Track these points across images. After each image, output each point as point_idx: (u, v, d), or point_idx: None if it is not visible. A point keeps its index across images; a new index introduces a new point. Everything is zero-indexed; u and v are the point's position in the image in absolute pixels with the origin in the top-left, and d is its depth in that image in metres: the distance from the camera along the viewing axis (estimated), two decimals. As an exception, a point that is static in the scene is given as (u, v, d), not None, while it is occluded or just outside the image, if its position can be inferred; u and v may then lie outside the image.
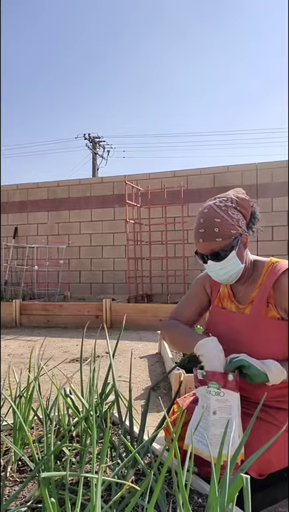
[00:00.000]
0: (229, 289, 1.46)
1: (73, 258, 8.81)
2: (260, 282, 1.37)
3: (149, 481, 0.84)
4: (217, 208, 1.32)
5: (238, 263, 1.33)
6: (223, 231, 1.29)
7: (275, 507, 1.31)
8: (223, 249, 1.30)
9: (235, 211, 1.33)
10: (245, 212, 1.37)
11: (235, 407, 1.18)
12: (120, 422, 1.34)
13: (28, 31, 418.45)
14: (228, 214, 1.31)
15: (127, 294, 7.22)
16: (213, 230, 1.29)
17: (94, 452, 0.93)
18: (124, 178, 7.65)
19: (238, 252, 1.33)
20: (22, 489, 0.97)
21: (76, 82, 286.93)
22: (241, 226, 1.34)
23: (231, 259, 1.31)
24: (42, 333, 5.26)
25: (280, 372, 1.22)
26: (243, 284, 1.42)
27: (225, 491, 0.84)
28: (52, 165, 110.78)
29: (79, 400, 1.37)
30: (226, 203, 1.33)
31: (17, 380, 1.45)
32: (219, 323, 1.44)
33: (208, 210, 1.33)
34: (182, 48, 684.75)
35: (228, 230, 1.30)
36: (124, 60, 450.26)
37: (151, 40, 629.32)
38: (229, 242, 1.30)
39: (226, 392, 1.19)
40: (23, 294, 7.68)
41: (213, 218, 1.30)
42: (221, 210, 1.31)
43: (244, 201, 1.37)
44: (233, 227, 1.30)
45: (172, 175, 8.16)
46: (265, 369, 1.21)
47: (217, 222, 1.29)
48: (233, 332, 1.37)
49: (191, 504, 1.03)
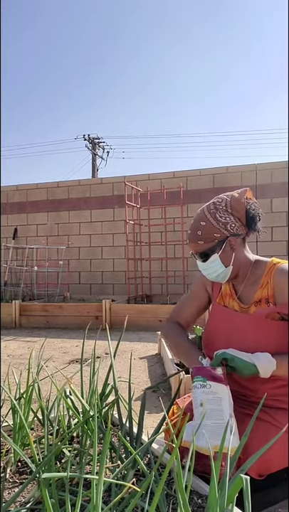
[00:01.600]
0: (231, 287, 1.47)
1: (73, 259, 8.81)
2: (262, 283, 1.38)
3: (149, 482, 0.84)
4: (207, 210, 1.37)
5: (220, 265, 1.36)
6: (205, 234, 1.34)
7: (275, 507, 1.31)
8: (205, 251, 1.36)
9: (225, 214, 1.35)
10: (238, 215, 1.36)
11: (226, 400, 1.18)
12: (120, 423, 1.34)
13: (28, 33, 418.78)
14: (214, 217, 1.34)
15: (127, 295, 7.22)
16: (196, 233, 1.36)
17: (94, 453, 0.93)
18: (123, 178, 7.65)
19: (223, 254, 1.35)
20: (22, 490, 0.97)
21: (76, 84, 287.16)
22: (229, 229, 1.34)
23: (213, 262, 1.36)
24: (42, 334, 5.26)
25: (270, 363, 1.21)
26: (242, 282, 1.42)
27: (225, 491, 0.84)
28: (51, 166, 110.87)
29: (79, 401, 1.37)
30: (217, 206, 1.36)
31: (17, 380, 1.45)
32: (220, 321, 1.45)
33: (200, 212, 1.39)
34: (183, 48, 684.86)
35: (211, 233, 1.34)
36: (124, 60, 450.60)
37: (152, 41, 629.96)
38: (211, 246, 1.35)
39: (212, 385, 1.19)
40: (23, 294, 7.67)
41: (200, 221, 1.36)
42: (209, 213, 1.35)
43: (237, 203, 1.36)
44: (217, 230, 1.34)
45: (172, 176, 8.16)
46: (253, 360, 1.21)
47: (201, 226, 1.35)
48: (234, 331, 1.37)
49: (191, 505, 1.03)
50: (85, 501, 1.01)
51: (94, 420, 1.11)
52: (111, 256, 8.59)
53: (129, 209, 7.36)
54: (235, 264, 1.38)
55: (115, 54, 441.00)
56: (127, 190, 7.17)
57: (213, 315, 1.49)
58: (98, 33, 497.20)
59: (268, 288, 1.36)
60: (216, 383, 1.19)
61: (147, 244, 7.74)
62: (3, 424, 1.47)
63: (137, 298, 7.39)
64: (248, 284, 1.41)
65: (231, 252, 1.36)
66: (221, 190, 1.71)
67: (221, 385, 1.18)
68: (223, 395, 1.18)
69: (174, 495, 1.06)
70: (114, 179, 8.57)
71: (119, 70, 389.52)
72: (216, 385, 1.19)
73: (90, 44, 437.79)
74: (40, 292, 7.92)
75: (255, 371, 1.21)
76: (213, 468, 0.86)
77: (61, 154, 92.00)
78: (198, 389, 1.21)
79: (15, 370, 3.14)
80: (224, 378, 1.20)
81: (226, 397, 1.18)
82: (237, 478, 0.83)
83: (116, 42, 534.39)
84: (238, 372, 1.22)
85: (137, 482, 1.12)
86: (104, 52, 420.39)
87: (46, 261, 8.17)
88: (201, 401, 1.20)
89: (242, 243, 1.40)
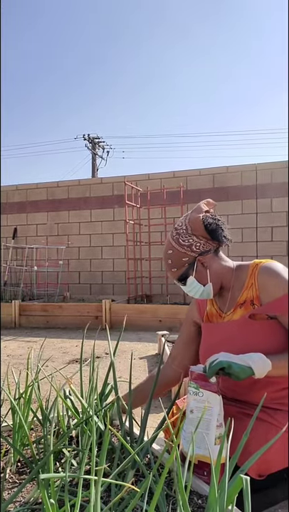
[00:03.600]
0: (217, 308, 1.47)
1: (73, 259, 8.82)
2: (247, 285, 1.38)
3: (149, 483, 0.83)
4: (171, 238, 1.41)
5: (199, 286, 1.38)
6: (175, 261, 1.38)
7: (275, 508, 1.30)
8: (181, 277, 1.40)
9: (186, 237, 1.36)
10: (199, 233, 1.36)
11: (216, 410, 1.17)
12: (120, 423, 1.33)
13: (28, 33, 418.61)
14: (178, 243, 1.37)
15: (127, 295, 7.22)
16: (168, 262, 1.40)
17: (93, 454, 0.93)
18: (123, 178, 7.65)
19: (197, 275, 1.38)
20: (21, 490, 0.97)
21: (76, 84, 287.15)
22: (195, 250, 1.36)
23: (191, 284, 1.39)
24: (41, 334, 5.26)
25: (264, 363, 1.20)
26: (228, 291, 1.43)
27: (224, 492, 0.84)
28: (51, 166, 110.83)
29: (78, 401, 1.37)
30: (179, 231, 1.39)
31: (16, 380, 1.45)
32: (208, 338, 1.46)
33: (166, 241, 1.43)
34: (183, 48, 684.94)
35: (179, 259, 1.37)
36: (124, 60, 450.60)
37: (152, 40, 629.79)
38: (184, 270, 1.39)
39: (204, 393, 1.19)
40: (23, 294, 7.67)
41: (167, 250, 1.40)
42: (173, 240, 1.39)
43: (194, 222, 1.36)
44: (184, 254, 1.36)
45: (172, 175, 8.17)
46: (248, 362, 1.20)
47: (169, 254, 1.39)
48: (222, 340, 1.37)
49: (191, 505, 1.03)
50: (85, 501, 1.01)
51: (93, 420, 1.10)
52: (111, 256, 8.60)
53: (129, 209, 7.36)
54: (214, 279, 1.39)
55: (115, 54, 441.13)
56: (126, 190, 7.17)
57: (203, 335, 1.50)
58: (98, 32, 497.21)
59: (252, 289, 1.35)
60: (209, 392, 1.18)
61: (147, 244, 7.74)
62: (3, 424, 1.46)
63: (137, 298, 7.39)
64: (235, 290, 1.41)
65: (205, 270, 1.38)
66: (221, 190, 1.71)
67: (213, 394, 1.18)
68: (215, 404, 1.17)
69: (173, 495, 1.06)
70: (114, 179, 8.58)
71: (119, 70, 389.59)
72: (208, 394, 1.18)
73: (90, 44, 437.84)
74: (39, 292, 7.92)
75: (250, 373, 1.20)
76: (213, 468, 0.86)
77: (61, 154, 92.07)
78: (190, 395, 1.21)
79: (14, 370, 3.14)
80: (217, 387, 1.20)
81: (216, 407, 1.17)
82: (237, 479, 0.83)
83: (116, 42, 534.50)
84: (235, 377, 1.20)
85: (136, 482, 1.12)
86: (105, 53, 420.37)
87: (46, 261, 8.17)
88: (192, 408, 1.20)
89: (215, 256, 1.40)
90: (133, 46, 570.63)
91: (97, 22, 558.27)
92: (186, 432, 1.21)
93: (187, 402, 1.23)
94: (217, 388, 1.19)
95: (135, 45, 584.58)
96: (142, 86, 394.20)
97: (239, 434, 1.17)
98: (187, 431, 1.20)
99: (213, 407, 1.17)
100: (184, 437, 1.22)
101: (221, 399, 1.19)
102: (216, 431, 1.16)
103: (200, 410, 1.18)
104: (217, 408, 1.17)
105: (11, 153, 63.61)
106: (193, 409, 1.20)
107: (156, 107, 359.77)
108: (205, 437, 1.14)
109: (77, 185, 8.93)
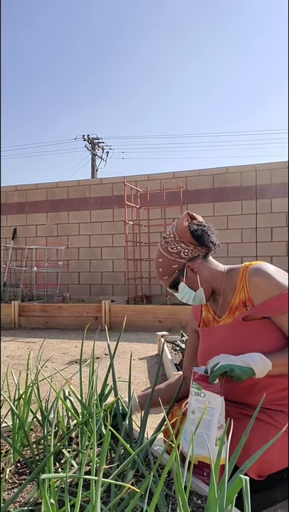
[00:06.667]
0: (213, 314, 1.48)
1: (72, 259, 8.81)
2: (238, 288, 1.38)
3: (148, 483, 0.84)
4: (160, 247, 1.44)
5: (190, 291, 1.42)
6: (165, 269, 1.42)
7: (275, 508, 1.30)
8: (172, 284, 1.43)
9: (175, 244, 1.40)
10: (186, 240, 1.39)
11: (218, 411, 1.17)
12: (120, 423, 1.34)
13: (27, 33, 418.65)
14: (167, 251, 1.41)
15: (127, 295, 7.22)
16: (159, 270, 1.44)
17: (94, 454, 0.93)
18: (123, 179, 7.65)
19: (188, 281, 1.41)
20: (21, 491, 0.97)
21: (76, 83, 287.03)
22: (184, 256, 1.40)
23: (183, 290, 1.42)
24: (41, 335, 5.26)
25: (264, 363, 1.21)
26: (221, 294, 1.44)
27: (224, 492, 0.84)
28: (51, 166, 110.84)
29: (78, 402, 1.37)
30: (167, 239, 1.42)
31: (16, 381, 1.45)
32: (207, 339, 1.46)
33: (156, 251, 1.47)
34: (183, 46, 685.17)
35: (169, 266, 1.41)
36: (124, 60, 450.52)
37: (152, 41, 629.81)
38: (174, 277, 1.42)
39: (206, 394, 1.19)
40: (22, 295, 7.67)
41: (157, 259, 1.44)
42: (162, 249, 1.43)
43: (181, 230, 1.40)
44: (174, 262, 1.40)
45: (171, 176, 8.17)
46: (249, 363, 1.21)
47: (160, 262, 1.43)
48: (221, 342, 1.37)
49: (190, 505, 1.03)
50: (85, 502, 1.01)
51: (93, 421, 1.11)
52: (110, 256, 8.59)
53: (128, 209, 7.36)
54: (204, 284, 1.41)
55: (115, 54, 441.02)
56: (126, 190, 7.17)
57: (200, 340, 1.51)
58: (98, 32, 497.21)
59: (244, 291, 1.36)
60: (210, 393, 1.18)
61: (147, 245, 7.74)
62: (3, 425, 1.46)
63: (137, 298, 7.39)
64: (227, 294, 1.42)
65: (195, 276, 1.41)
66: (221, 191, 1.72)
67: (215, 395, 1.18)
68: (216, 405, 1.18)
69: (173, 495, 1.06)
70: (114, 179, 8.58)
71: (119, 70, 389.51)
72: (210, 394, 1.18)
73: (90, 44, 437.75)
74: (39, 293, 7.92)
75: (251, 373, 1.21)
76: (213, 468, 0.86)
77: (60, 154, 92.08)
78: (192, 396, 1.21)
79: (14, 370, 3.14)
80: (220, 388, 1.20)
81: (218, 408, 1.17)
82: (236, 479, 0.83)
83: (116, 41, 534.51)
84: (237, 379, 1.21)
85: (136, 483, 1.12)
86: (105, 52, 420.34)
87: (46, 261, 8.17)
88: (194, 409, 1.20)
89: (204, 262, 1.43)
90: (133, 46, 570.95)
91: (98, 22, 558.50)
92: (187, 433, 1.21)
93: (189, 402, 1.23)
94: (220, 389, 1.19)
95: (135, 45, 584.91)
96: (142, 86, 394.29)
97: (239, 435, 1.17)
98: (188, 431, 1.20)
99: (214, 408, 1.17)
100: (185, 438, 1.22)
101: (223, 400, 1.19)
102: (216, 432, 1.16)
103: (202, 411, 1.18)
104: (218, 409, 1.17)
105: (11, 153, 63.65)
106: (195, 410, 1.20)
107: (156, 107, 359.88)
108: (205, 438, 1.14)
109: (77, 186, 8.93)
